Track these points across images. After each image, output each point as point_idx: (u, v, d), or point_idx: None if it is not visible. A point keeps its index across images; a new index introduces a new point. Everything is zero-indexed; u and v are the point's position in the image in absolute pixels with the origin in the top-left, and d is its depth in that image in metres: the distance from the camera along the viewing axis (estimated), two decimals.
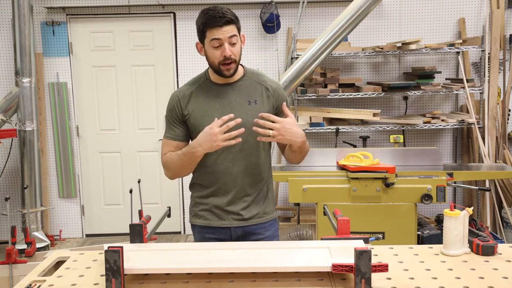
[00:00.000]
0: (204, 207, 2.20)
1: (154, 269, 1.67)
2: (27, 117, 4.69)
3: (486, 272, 1.68)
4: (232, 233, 2.17)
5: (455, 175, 3.72)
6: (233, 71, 2.06)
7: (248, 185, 2.14)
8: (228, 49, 1.99)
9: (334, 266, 1.58)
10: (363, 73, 5.08)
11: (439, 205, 4.92)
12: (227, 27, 1.98)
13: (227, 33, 1.98)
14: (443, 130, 5.11)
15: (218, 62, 2.03)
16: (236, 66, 2.06)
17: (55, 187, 5.23)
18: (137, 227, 1.89)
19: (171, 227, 5.30)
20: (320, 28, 5.00)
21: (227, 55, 2.00)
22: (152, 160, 5.26)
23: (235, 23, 2.01)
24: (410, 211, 3.55)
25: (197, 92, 2.14)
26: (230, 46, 2.00)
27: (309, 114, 4.70)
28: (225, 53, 1.99)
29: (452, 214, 1.86)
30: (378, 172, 3.55)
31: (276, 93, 2.16)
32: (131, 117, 5.23)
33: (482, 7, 4.94)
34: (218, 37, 1.98)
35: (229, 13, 2.01)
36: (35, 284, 1.66)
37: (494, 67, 4.69)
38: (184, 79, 5.08)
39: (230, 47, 2.00)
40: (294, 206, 4.86)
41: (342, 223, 1.90)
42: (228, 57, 2.00)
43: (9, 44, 5.03)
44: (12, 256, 3.65)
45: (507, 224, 4.53)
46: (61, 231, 5.25)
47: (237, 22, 2.03)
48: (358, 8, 4.08)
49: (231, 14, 2.02)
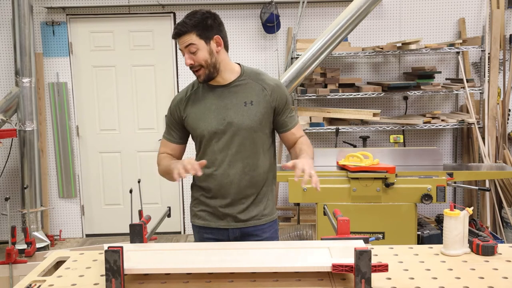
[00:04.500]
0: (203, 207, 2.21)
1: (154, 269, 1.67)
2: (27, 117, 4.69)
3: (486, 272, 1.68)
4: (230, 234, 2.18)
5: (455, 175, 3.72)
6: (204, 76, 2.08)
7: (246, 186, 2.14)
8: (187, 58, 2.05)
9: (334, 266, 1.58)
10: (363, 73, 5.08)
11: (439, 205, 4.92)
12: (183, 37, 2.03)
13: (183, 43, 2.04)
14: (443, 130, 5.11)
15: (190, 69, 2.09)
16: (207, 70, 2.06)
17: (55, 187, 5.23)
18: (137, 227, 1.89)
19: (171, 227, 5.30)
20: (320, 28, 4.99)
21: (187, 64, 2.06)
22: (152, 160, 5.19)
23: (190, 32, 2.01)
24: (410, 211, 3.55)
25: (194, 95, 2.17)
26: (190, 55, 2.04)
27: (309, 114, 4.70)
28: (185, 62, 2.06)
29: (452, 214, 1.86)
30: (378, 172, 3.55)
31: (275, 93, 2.13)
32: (131, 117, 5.23)
33: (482, 7, 4.94)
34: (180, 47, 2.07)
35: (186, 23, 2.01)
36: (35, 284, 1.66)
37: (494, 67, 4.69)
38: (184, 79, 5.08)
39: (191, 55, 2.04)
40: (294, 206, 4.86)
41: (342, 223, 1.90)
42: (189, 65, 2.06)
43: (9, 44, 5.03)
44: (12, 256, 3.64)
45: (507, 224, 4.53)
46: (61, 231, 5.25)
47: (197, 30, 2.01)
48: (358, 8, 4.08)
49: (190, 23, 2.01)
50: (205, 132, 2.11)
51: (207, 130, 2.10)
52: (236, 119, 2.09)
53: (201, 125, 2.11)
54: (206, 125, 2.10)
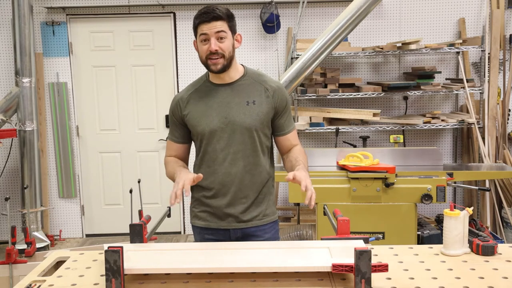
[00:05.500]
0: (204, 208, 2.20)
1: (154, 269, 1.67)
2: (27, 117, 4.69)
3: (486, 272, 1.68)
4: (231, 234, 2.17)
5: (455, 175, 3.72)
6: (221, 66, 2.06)
7: (247, 186, 2.14)
8: (214, 43, 2.01)
9: (334, 266, 1.58)
10: (363, 73, 5.08)
11: (439, 205, 4.92)
12: (215, 22, 2.00)
13: (214, 28, 2.01)
14: (443, 130, 5.11)
15: (205, 57, 2.05)
16: (225, 61, 2.06)
17: (55, 187, 5.23)
18: (137, 227, 1.89)
19: (171, 227, 5.30)
20: (320, 28, 4.99)
21: (212, 50, 2.02)
22: (152, 160, 5.26)
23: (224, 19, 2.03)
24: (410, 211, 3.55)
25: (196, 93, 2.16)
26: (217, 41, 2.02)
27: (309, 114, 4.70)
28: (211, 47, 2.01)
29: (452, 214, 1.86)
30: (378, 172, 3.55)
31: (276, 94, 2.14)
32: (131, 117, 5.23)
33: (482, 7, 4.94)
34: (205, 32, 2.01)
35: (220, 10, 2.02)
36: (35, 284, 1.66)
37: (494, 67, 4.69)
38: (184, 79, 5.08)
39: (217, 42, 2.02)
40: (294, 206, 4.86)
41: (342, 223, 1.90)
42: (214, 51, 2.02)
43: (9, 44, 5.03)
44: (12, 256, 3.64)
45: (507, 224, 4.53)
46: (61, 231, 5.25)
47: (228, 20, 2.04)
48: (358, 8, 4.08)
49: (223, 11, 2.03)
50: (206, 130, 2.10)
51: (208, 128, 2.10)
52: (238, 117, 2.09)
53: (202, 122, 2.11)
54: (207, 123, 2.10)
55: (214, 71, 2.08)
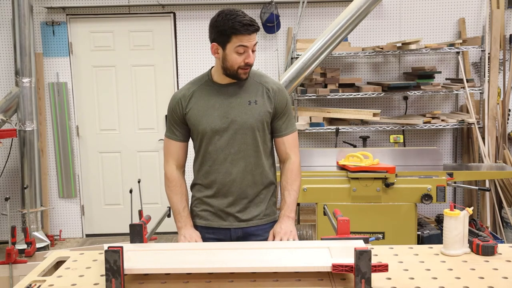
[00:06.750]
0: (204, 207, 2.20)
1: (154, 269, 1.68)
2: (27, 117, 4.70)
3: (486, 272, 1.68)
4: (232, 234, 2.17)
5: (455, 175, 3.72)
6: (248, 75, 2.11)
7: (248, 186, 2.14)
8: (253, 56, 2.05)
9: (334, 266, 1.58)
10: (363, 73, 5.08)
11: (439, 205, 4.92)
12: (254, 35, 2.03)
13: (253, 41, 2.03)
14: (443, 130, 5.11)
15: (238, 67, 2.06)
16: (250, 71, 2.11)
17: (55, 187, 5.23)
18: (137, 227, 1.89)
19: (171, 227, 5.23)
20: (320, 28, 4.99)
21: (251, 63, 2.06)
22: (152, 160, 5.26)
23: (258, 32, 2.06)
24: (410, 211, 3.55)
25: (198, 92, 2.16)
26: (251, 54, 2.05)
27: (309, 114, 4.70)
28: (249, 60, 2.05)
29: (452, 214, 1.86)
30: (378, 172, 3.55)
31: (277, 95, 2.15)
32: (131, 117, 5.23)
33: (482, 7, 4.94)
34: (246, 44, 2.01)
35: (256, 22, 2.05)
36: (35, 284, 1.66)
37: (494, 67, 4.69)
38: (184, 79, 5.08)
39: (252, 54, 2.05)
40: None
41: (342, 223, 1.90)
42: (252, 64, 2.07)
43: (9, 44, 5.03)
44: (12, 256, 3.64)
45: (507, 224, 4.53)
46: (61, 231, 5.25)
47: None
48: (358, 8, 4.08)
49: (255, 21, 2.05)
50: (208, 129, 2.10)
51: (209, 127, 2.10)
52: (239, 117, 2.09)
53: (203, 121, 2.10)
54: (208, 122, 2.10)
55: (243, 79, 2.10)
